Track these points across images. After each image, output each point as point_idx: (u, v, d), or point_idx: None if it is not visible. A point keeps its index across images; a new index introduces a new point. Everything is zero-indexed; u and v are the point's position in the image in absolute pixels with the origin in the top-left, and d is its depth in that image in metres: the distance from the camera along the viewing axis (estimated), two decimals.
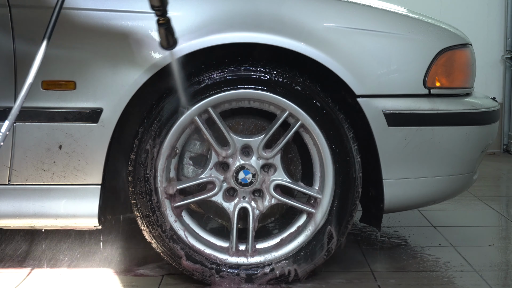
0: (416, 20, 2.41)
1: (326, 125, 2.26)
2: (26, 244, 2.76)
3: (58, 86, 2.18)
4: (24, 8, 2.18)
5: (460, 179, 2.45)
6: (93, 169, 2.22)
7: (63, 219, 2.25)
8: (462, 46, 2.38)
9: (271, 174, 2.33)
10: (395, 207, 2.40)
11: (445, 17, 4.49)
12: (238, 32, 2.21)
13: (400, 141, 2.29)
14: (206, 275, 2.32)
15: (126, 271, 2.50)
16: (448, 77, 2.36)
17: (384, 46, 2.28)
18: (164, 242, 2.31)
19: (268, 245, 2.36)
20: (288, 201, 2.34)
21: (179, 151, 2.32)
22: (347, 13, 2.30)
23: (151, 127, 2.24)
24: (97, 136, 2.20)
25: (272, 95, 2.24)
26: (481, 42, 5.34)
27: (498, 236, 3.13)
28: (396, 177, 2.32)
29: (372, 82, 2.26)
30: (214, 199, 2.33)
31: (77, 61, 2.18)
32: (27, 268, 2.53)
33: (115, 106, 2.19)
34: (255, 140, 2.30)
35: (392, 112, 2.27)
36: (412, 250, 2.80)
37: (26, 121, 2.18)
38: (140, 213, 2.29)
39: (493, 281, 2.44)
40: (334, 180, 2.30)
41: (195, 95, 2.22)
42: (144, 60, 2.17)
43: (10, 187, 2.23)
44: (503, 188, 4.39)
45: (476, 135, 2.41)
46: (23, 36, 2.16)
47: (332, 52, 2.23)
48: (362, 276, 2.49)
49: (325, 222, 2.32)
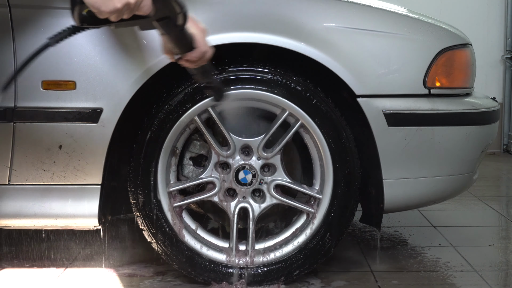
0: (416, 20, 2.41)
1: (326, 125, 2.26)
2: (20, 244, 2.77)
3: (58, 86, 2.18)
4: (24, 8, 2.18)
5: (460, 179, 2.45)
6: (93, 169, 2.22)
7: (63, 219, 2.25)
8: (462, 46, 2.38)
9: (271, 174, 2.33)
10: (395, 207, 2.40)
11: (445, 17, 4.50)
12: (238, 32, 2.21)
13: (400, 141, 2.29)
14: (206, 275, 2.32)
15: (125, 271, 2.50)
16: (448, 77, 2.36)
17: (384, 46, 2.28)
18: (164, 242, 2.30)
19: (268, 245, 2.36)
20: (288, 201, 2.34)
21: (179, 151, 2.32)
22: (347, 13, 2.30)
23: (151, 127, 2.24)
24: (97, 136, 2.20)
25: (272, 95, 2.24)
26: (481, 42, 5.34)
27: (498, 236, 3.13)
28: (396, 177, 2.32)
29: (372, 82, 2.26)
30: (214, 199, 2.33)
31: (77, 61, 2.17)
32: (22, 268, 2.53)
33: (115, 106, 2.19)
34: (255, 140, 2.29)
35: (392, 112, 2.27)
36: (412, 250, 2.80)
37: (26, 121, 2.18)
38: (140, 213, 2.29)
39: (493, 281, 2.44)
40: (334, 180, 2.30)
41: (195, 95, 2.22)
42: (144, 60, 2.17)
43: (10, 187, 2.23)
44: (503, 188, 4.39)
45: (476, 135, 2.41)
46: (23, 36, 2.16)
47: (332, 52, 2.23)
48: (362, 276, 2.49)
49: (325, 222, 2.32)
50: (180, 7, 1.60)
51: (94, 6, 1.39)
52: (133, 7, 1.44)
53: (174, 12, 1.60)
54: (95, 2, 1.39)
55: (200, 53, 1.81)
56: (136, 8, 1.45)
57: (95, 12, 1.44)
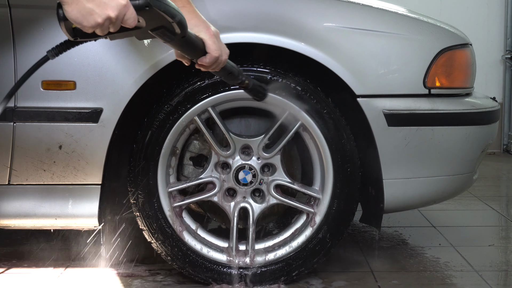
0: (416, 20, 2.41)
1: (326, 125, 2.26)
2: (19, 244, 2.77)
3: (58, 86, 2.18)
4: (24, 8, 2.18)
5: (460, 179, 2.45)
6: (93, 169, 2.22)
7: (63, 219, 2.25)
8: (462, 46, 2.38)
9: (271, 174, 2.33)
10: (395, 207, 2.40)
11: (445, 17, 4.49)
12: (238, 33, 2.21)
13: (400, 141, 2.29)
14: (206, 275, 2.32)
15: (124, 271, 2.50)
16: (448, 77, 2.36)
17: (384, 46, 2.28)
18: (164, 242, 2.30)
19: (268, 245, 2.36)
20: (288, 201, 2.34)
21: (179, 151, 2.32)
22: (347, 13, 2.30)
23: (151, 127, 2.24)
24: (97, 136, 2.20)
25: (272, 95, 2.23)
26: (481, 42, 5.34)
27: (498, 236, 3.13)
28: (396, 177, 2.32)
29: (372, 82, 2.26)
30: (214, 199, 2.33)
31: (77, 61, 2.17)
32: (19, 268, 2.53)
33: (115, 106, 2.19)
34: (255, 140, 2.29)
35: (392, 112, 2.27)
36: (412, 250, 2.80)
37: (26, 121, 2.18)
38: (140, 213, 2.29)
39: (493, 281, 2.44)
40: (334, 180, 2.30)
41: (195, 95, 2.22)
42: (144, 59, 2.17)
43: (10, 187, 2.23)
44: (503, 188, 4.39)
45: (476, 135, 2.40)
46: (23, 36, 2.16)
47: (332, 52, 2.23)
48: (362, 276, 2.49)
49: (325, 222, 2.32)
50: (172, 16, 1.50)
51: (76, 21, 1.37)
52: (115, 21, 1.38)
53: (166, 22, 1.51)
54: (77, 18, 1.36)
55: (213, 58, 1.74)
56: (119, 22, 1.40)
57: (79, 28, 1.41)
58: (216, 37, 1.77)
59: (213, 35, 1.76)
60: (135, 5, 1.41)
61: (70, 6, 1.35)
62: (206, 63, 1.75)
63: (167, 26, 1.51)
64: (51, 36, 2.13)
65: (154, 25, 1.50)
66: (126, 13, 1.39)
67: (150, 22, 1.48)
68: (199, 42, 1.72)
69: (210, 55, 1.74)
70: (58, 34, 2.08)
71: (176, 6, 1.51)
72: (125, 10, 1.38)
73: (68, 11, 1.35)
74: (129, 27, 1.42)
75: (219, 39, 1.78)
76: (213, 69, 1.79)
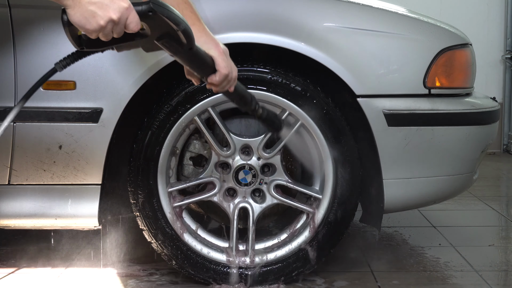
0: (416, 20, 2.41)
1: (326, 125, 2.26)
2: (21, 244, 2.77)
3: (58, 86, 2.18)
4: (24, 8, 2.18)
5: (460, 179, 2.45)
6: (93, 169, 2.22)
7: (63, 219, 2.25)
8: (462, 46, 2.38)
9: (271, 174, 2.33)
10: (395, 207, 2.40)
11: (445, 17, 4.49)
12: (238, 32, 2.21)
13: (400, 141, 2.29)
14: (206, 275, 2.32)
15: (124, 271, 2.50)
16: (448, 77, 2.36)
17: (384, 46, 2.28)
18: (164, 242, 2.30)
19: (268, 245, 2.36)
20: (288, 201, 2.34)
21: (179, 151, 2.32)
22: (347, 13, 2.30)
23: (151, 127, 2.24)
24: (97, 136, 2.20)
25: (272, 95, 2.24)
26: (481, 42, 5.34)
27: (498, 236, 3.13)
28: (396, 177, 2.32)
29: (372, 82, 2.26)
30: (214, 199, 2.33)
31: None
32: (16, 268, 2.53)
33: (115, 106, 2.19)
34: (255, 140, 2.29)
35: (392, 112, 2.27)
36: (412, 250, 2.80)
37: (26, 121, 2.18)
38: (140, 213, 2.29)
39: (493, 281, 2.44)
40: (334, 180, 2.30)
41: (195, 95, 2.22)
42: (144, 60, 2.17)
43: (10, 187, 2.23)
44: (503, 188, 4.39)
45: (476, 135, 2.40)
46: (23, 36, 2.16)
47: (332, 52, 2.23)
48: (362, 276, 2.49)
49: (325, 222, 2.32)
50: (176, 23, 1.48)
51: (79, 25, 1.38)
52: (118, 23, 1.38)
53: (171, 29, 1.49)
54: (80, 21, 1.37)
55: (222, 75, 1.72)
56: (122, 25, 1.40)
57: (84, 33, 1.41)
58: (225, 55, 1.75)
59: (223, 52, 1.74)
60: (139, 11, 1.42)
61: (73, 9, 1.37)
62: (216, 81, 1.72)
63: (172, 34, 1.50)
64: (51, 36, 2.13)
65: (159, 33, 1.49)
66: (129, 16, 1.40)
67: (155, 30, 1.48)
68: (208, 59, 1.70)
69: (219, 72, 1.71)
70: (58, 34, 2.08)
71: (180, 15, 1.50)
72: (127, 13, 1.40)
73: (71, 15, 1.37)
74: (132, 31, 1.42)
75: (228, 57, 1.77)
76: (224, 88, 1.77)
